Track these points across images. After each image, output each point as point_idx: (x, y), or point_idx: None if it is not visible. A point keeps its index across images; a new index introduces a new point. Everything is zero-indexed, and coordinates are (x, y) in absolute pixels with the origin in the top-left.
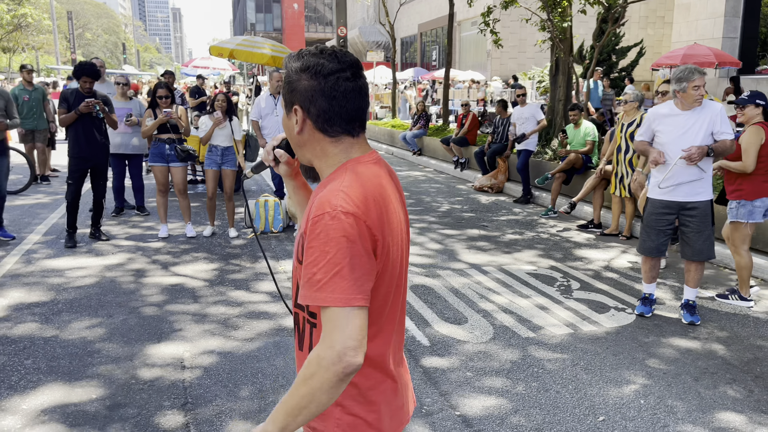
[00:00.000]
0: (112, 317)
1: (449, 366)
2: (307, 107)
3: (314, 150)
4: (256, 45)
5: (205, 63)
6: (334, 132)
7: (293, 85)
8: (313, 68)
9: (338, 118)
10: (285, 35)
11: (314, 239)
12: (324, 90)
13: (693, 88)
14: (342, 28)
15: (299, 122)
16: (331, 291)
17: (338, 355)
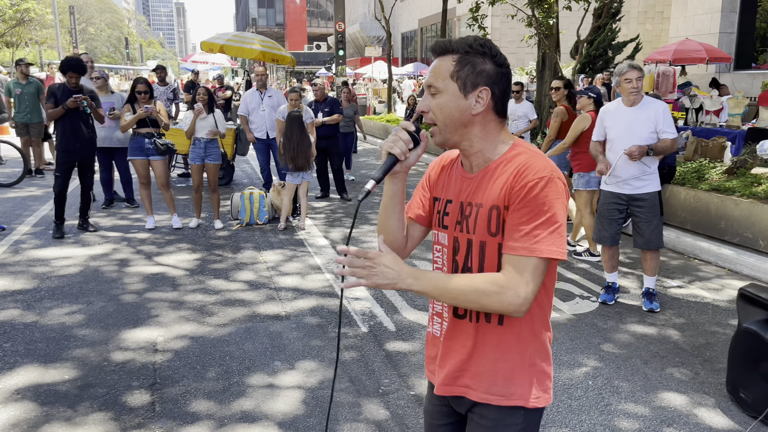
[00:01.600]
0: (92, 304)
1: (411, 350)
2: (493, 89)
3: (481, 131)
4: (246, 40)
5: (204, 58)
6: (503, 113)
7: (479, 67)
8: (498, 56)
9: (507, 101)
10: (287, 30)
11: (535, 198)
12: (507, 75)
13: (625, 81)
14: (340, 23)
15: (484, 102)
16: (550, 244)
17: (525, 297)
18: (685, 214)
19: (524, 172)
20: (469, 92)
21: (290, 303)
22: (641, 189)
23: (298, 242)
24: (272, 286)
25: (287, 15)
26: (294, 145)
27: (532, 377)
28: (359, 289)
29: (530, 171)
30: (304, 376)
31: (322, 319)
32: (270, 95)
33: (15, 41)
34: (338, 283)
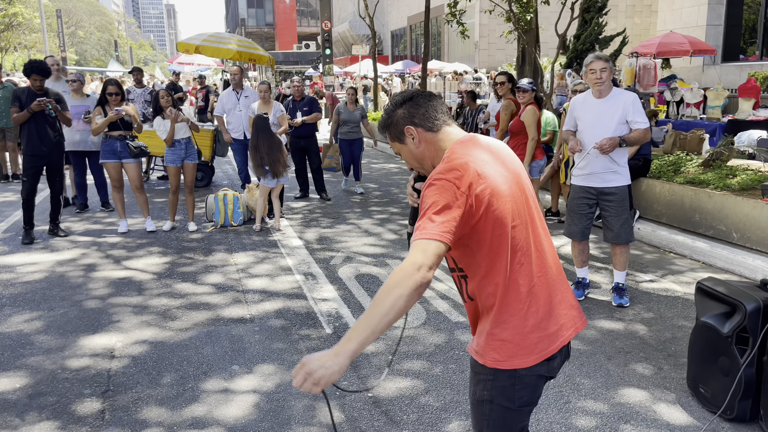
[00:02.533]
0: (53, 310)
1: (373, 351)
2: (411, 121)
3: (432, 151)
4: (222, 40)
5: (190, 59)
6: (434, 127)
7: (393, 120)
8: (398, 103)
9: (429, 115)
10: (277, 30)
11: (423, 196)
12: (412, 104)
13: (590, 71)
14: (326, 22)
15: (416, 136)
16: (427, 230)
17: (418, 265)
18: (660, 208)
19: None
20: (403, 139)
21: (256, 305)
22: (611, 182)
23: (272, 243)
24: (240, 288)
25: (277, 15)
26: (264, 153)
27: (493, 343)
28: (327, 290)
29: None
30: (261, 380)
31: (287, 321)
32: (246, 95)
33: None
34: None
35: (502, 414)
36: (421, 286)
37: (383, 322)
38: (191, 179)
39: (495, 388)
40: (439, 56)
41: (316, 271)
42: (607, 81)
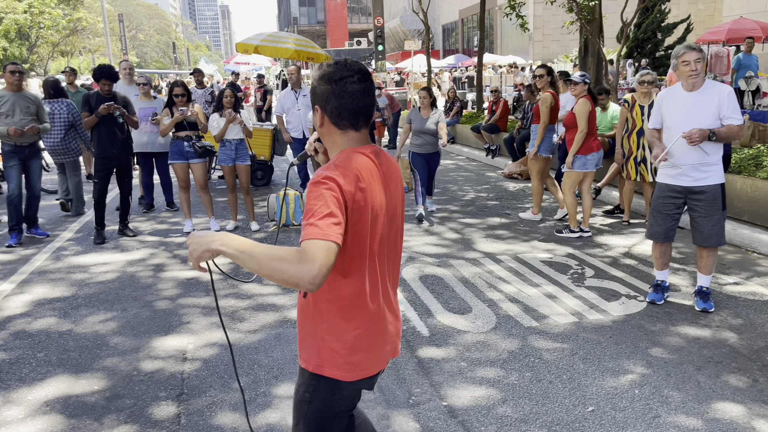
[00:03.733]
0: (126, 311)
1: (445, 356)
2: (324, 106)
3: (329, 141)
4: (280, 40)
5: (246, 59)
6: (343, 126)
7: (315, 90)
8: (327, 75)
9: (346, 113)
10: (328, 27)
11: (307, 199)
12: (335, 91)
13: (683, 63)
14: (378, 18)
15: (320, 118)
16: (317, 228)
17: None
18: (741, 205)
19: None
20: (315, 112)
21: None
22: (701, 181)
23: None
24: None
25: (328, 12)
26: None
27: (320, 348)
28: None
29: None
30: None
31: None
32: (305, 94)
33: (69, 50)
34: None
35: None
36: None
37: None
38: (246, 180)
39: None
40: (492, 49)
41: None
42: (701, 72)
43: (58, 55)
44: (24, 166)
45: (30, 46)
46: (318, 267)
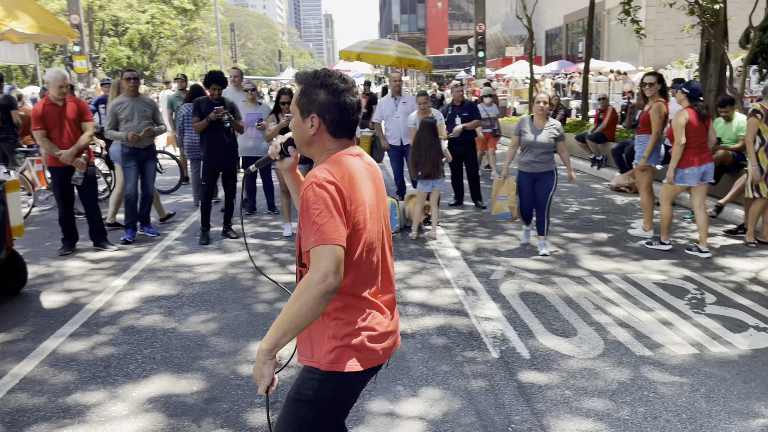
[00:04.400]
0: (226, 312)
1: (547, 382)
2: (323, 115)
3: (320, 147)
4: (382, 47)
5: (347, 66)
6: (339, 135)
7: (312, 97)
8: (330, 86)
9: (344, 125)
10: (428, 34)
11: (305, 202)
12: (338, 104)
13: None
14: (480, 25)
15: (315, 127)
16: (321, 234)
17: (324, 275)
18: None
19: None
20: (305, 117)
21: (416, 320)
22: None
23: (429, 253)
24: (399, 299)
25: (429, 19)
26: (421, 151)
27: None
28: (489, 308)
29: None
30: (427, 405)
31: (449, 340)
32: (405, 101)
33: (185, 58)
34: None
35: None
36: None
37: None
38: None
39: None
40: (598, 55)
41: (476, 286)
42: None
43: (175, 63)
44: (140, 167)
45: (151, 54)
46: (323, 272)
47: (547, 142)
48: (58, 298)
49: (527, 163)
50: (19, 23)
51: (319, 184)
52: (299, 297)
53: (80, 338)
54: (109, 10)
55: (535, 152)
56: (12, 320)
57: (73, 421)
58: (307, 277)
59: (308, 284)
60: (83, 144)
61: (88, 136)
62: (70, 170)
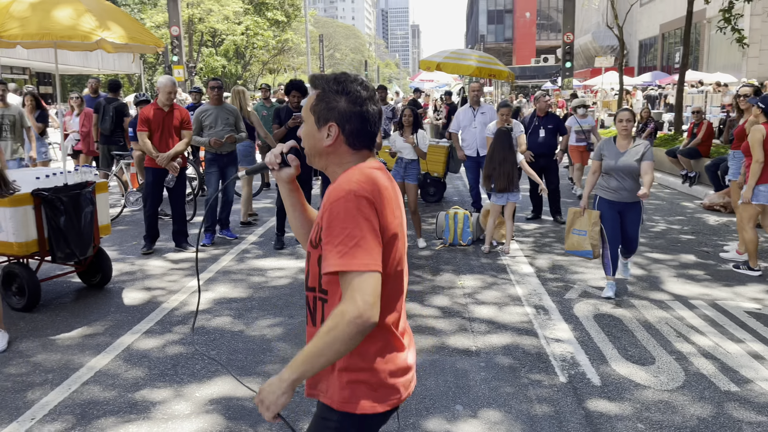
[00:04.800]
0: (293, 318)
1: (618, 413)
2: (342, 125)
3: (336, 159)
4: (462, 57)
5: (430, 76)
6: (359, 146)
7: (331, 104)
8: (352, 93)
9: (365, 136)
10: (516, 45)
11: (334, 218)
12: (360, 113)
13: None
14: (568, 35)
15: (333, 137)
16: (353, 257)
17: (360, 310)
18: None
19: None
20: (321, 126)
21: (482, 337)
22: None
23: (501, 268)
24: (466, 315)
25: (516, 29)
26: (495, 164)
27: (343, 383)
28: (560, 329)
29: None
30: (486, 427)
31: (515, 361)
32: (483, 112)
33: (276, 68)
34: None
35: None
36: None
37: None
38: (413, 199)
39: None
40: (696, 66)
41: (548, 305)
42: None
43: (266, 72)
44: (222, 173)
45: (244, 64)
46: (360, 306)
47: (631, 165)
48: (138, 296)
49: (612, 190)
50: (110, 33)
51: (350, 198)
52: (331, 331)
53: (154, 335)
54: (208, 23)
55: (619, 178)
56: (94, 314)
57: (138, 416)
58: (340, 311)
59: (342, 318)
60: (180, 150)
61: (184, 143)
62: (164, 172)
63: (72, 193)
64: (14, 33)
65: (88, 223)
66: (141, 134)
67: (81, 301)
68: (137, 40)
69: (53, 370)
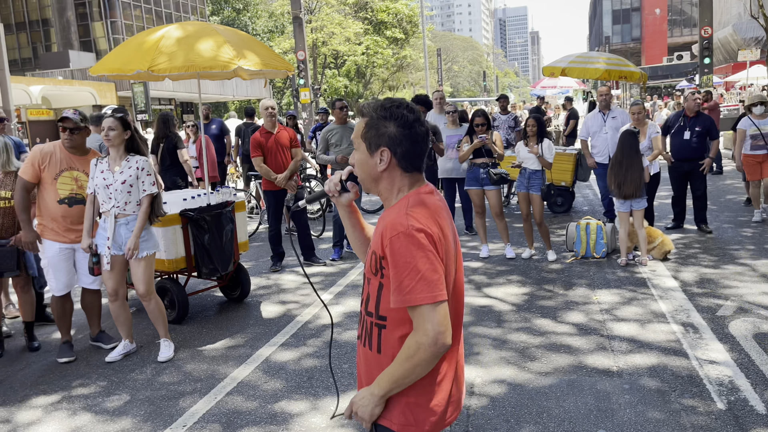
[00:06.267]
0: None
1: None
2: (394, 149)
3: (388, 184)
4: (589, 60)
5: (552, 83)
6: (410, 169)
7: (381, 130)
8: (400, 118)
9: (416, 157)
10: (644, 44)
11: (396, 254)
12: (411, 137)
13: None
14: (706, 29)
15: (386, 161)
16: (419, 292)
17: (434, 338)
18: None
19: (386, 229)
20: (374, 152)
21: (624, 356)
22: None
23: (640, 282)
24: (604, 332)
25: (645, 28)
26: (623, 170)
27: (402, 406)
28: (714, 349)
29: (388, 229)
30: None
31: (663, 383)
32: (614, 116)
33: (395, 84)
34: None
35: None
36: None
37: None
38: (538, 211)
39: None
40: None
41: (698, 322)
42: None
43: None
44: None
45: (365, 83)
46: (433, 335)
47: None
48: (274, 309)
49: None
50: (245, 61)
51: (408, 234)
52: (410, 359)
53: (290, 348)
54: (331, 45)
55: None
56: (235, 327)
57: (278, 428)
58: (415, 341)
59: (418, 348)
60: (294, 168)
61: (296, 162)
62: (284, 193)
63: (214, 212)
64: (163, 67)
65: (229, 241)
66: (256, 159)
67: (223, 314)
68: (270, 66)
69: (201, 380)
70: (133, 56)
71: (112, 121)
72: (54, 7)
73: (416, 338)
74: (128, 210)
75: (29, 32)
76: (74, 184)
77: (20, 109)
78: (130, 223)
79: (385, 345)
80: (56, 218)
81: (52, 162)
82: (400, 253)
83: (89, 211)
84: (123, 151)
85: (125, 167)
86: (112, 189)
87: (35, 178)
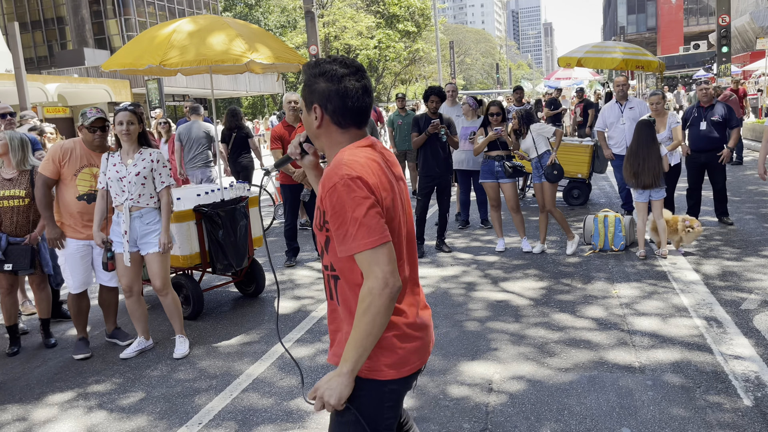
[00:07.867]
0: (437, 328)
1: None
2: (324, 105)
3: (328, 140)
4: (606, 50)
5: (567, 74)
6: (346, 124)
7: (312, 87)
8: (328, 73)
9: (349, 113)
10: (660, 33)
11: (334, 205)
12: (338, 91)
13: None
14: (723, 17)
15: (318, 118)
16: (361, 238)
17: (383, 280)
18: None
19: (323, 183)
20: (309, 109)
21: (646, 352)
22: None
23: (660, 275)
24: (625, 327)
25: (660, 17)
26: (640, 160)
27: None
28: (739, 344)
29: (325, 182)
30: None
31: (687, 379)
32: (631, 106)
33: (407, 78)
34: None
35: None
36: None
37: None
38: (547, 196)
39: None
40: None
41: (722, 317)
42: None
43: (398, 83)
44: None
45: (377, 76)
46: (382, 278)
47: None
48: (288, 304)
49: None
50: (258, 54)
51: (343, 183)
52: (367, 310)
53: (305, 344)
54: (343, 39)
55: None
56: (250, 323)
57: (294, 425)
58: (368, 288)
59: (371, 294)
60: None
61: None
62: (300, 188)
63: (228, 208)
64: (175, 61)
65: (243, 236)
66: (274, 152)
67: (238, 310)
68: (282, 59)
69: (216, 377)
70: (144, 51)
71: (130, 114)
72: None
73: (368, 285)
74: (141, 203)
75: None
76: (93, 181)
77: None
78: (143, 216)
79: (342, 295)
80: (74, 214)
81: (72, 158)
82: (338, 203)
83: (100, 205)
84: (135, 144)
85: (138, 159)
86: (125, 181)
87: (55, 175)
